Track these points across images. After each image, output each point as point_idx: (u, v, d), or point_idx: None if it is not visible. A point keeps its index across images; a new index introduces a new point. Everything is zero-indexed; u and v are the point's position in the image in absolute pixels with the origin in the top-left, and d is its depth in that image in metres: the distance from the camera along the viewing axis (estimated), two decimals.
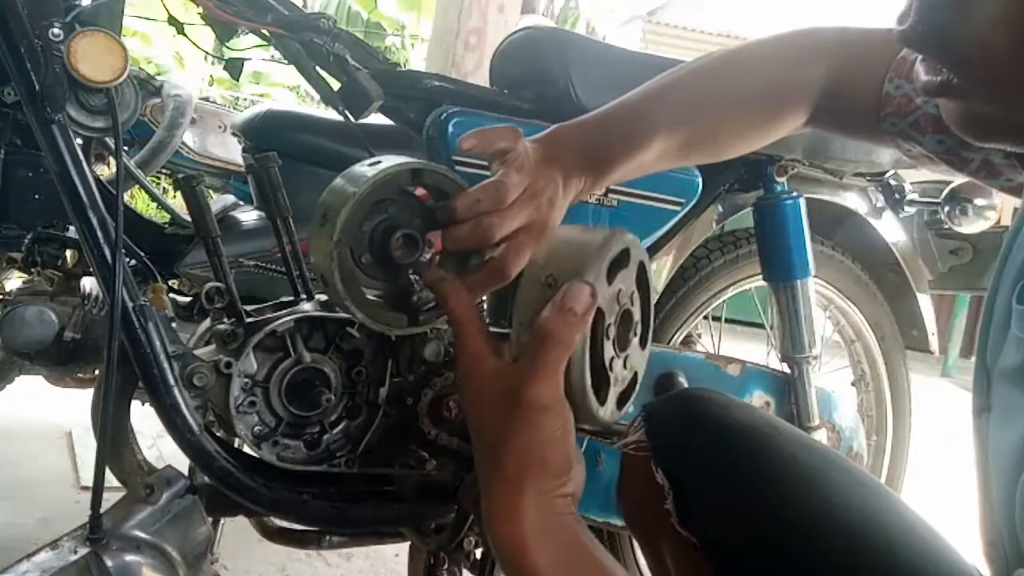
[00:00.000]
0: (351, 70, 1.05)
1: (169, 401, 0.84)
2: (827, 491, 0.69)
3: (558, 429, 0.57)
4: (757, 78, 0.83)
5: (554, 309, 0.57)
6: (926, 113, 0.71)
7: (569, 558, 0.57)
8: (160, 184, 2.97)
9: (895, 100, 0.73)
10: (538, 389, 0.56)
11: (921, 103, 0.72)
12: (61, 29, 0.86)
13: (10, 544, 1.60)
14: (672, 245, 1.33)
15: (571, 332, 0.56)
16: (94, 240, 0.84)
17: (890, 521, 0.67)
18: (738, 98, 0.83)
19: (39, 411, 2.25)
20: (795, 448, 0.74)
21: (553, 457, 0.57)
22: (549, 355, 0.56)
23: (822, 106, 0.82)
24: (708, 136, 0.84)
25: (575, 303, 0.57)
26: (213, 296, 0.90)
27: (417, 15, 9.02)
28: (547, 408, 0.57)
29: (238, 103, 7.14)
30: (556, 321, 0.56)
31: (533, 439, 0.57)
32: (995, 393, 0.54)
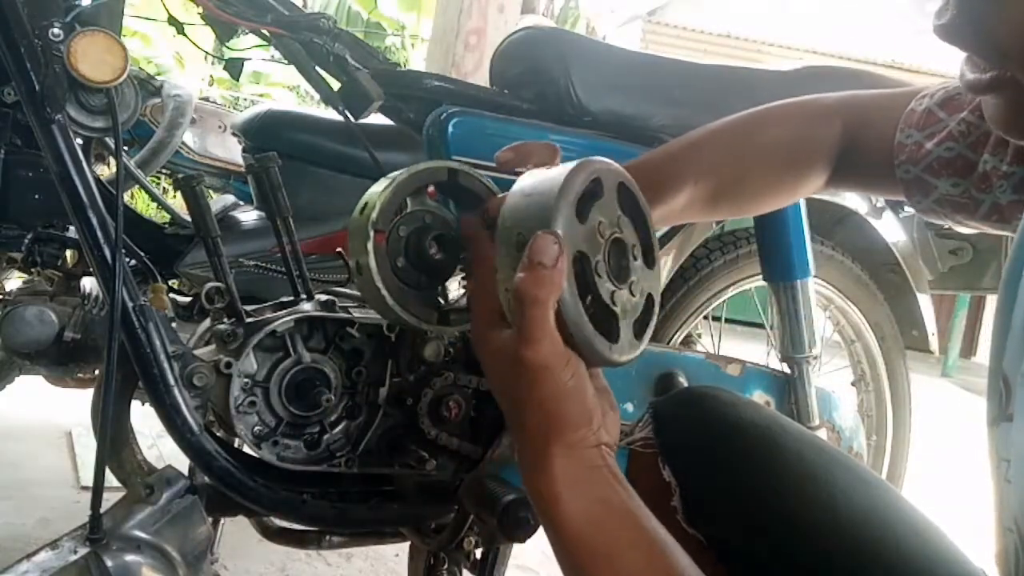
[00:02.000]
0: (351, 70, 1.05)
1: (169, 401, 0.84)
2: (833, 490, 0.69)
3: (566, 382, 0.57)
4: (778, 135, 0.86)
5: (523, 269, 0.56)
6: (939, 156, 0.72)
7: (603, 511, 0.57)
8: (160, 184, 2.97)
9: (907, 148, 0.75)
10: (531, 351, 0.56)
11: (932, 147, 0.73)
12: (61, 29, 0.86)
13: (10, 544, 1.60)
14: (672, 245, 1.33)
15: (544, 288, 0.56)
16: (94, 240, 0.84)
17: (895, 520, 0.68)
18: (760, 154, 0.86)
19: (39, 411, 2.25)
20: (801, 446, 0.74)
21: (569, 410, 0.57)
22: (530, 316, 0.56)
23: (840, 163, 0.83)
24: (734, 189, 0.86)
25: (541, 256, 0.56)
26: (213, 296, 0.90)
27: (417, 15, 9.02)
28: (546, 367, 0.56)
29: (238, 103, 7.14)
30: (527, 280, 0.56)
31: (543, 396, 0.57)
32: (1016, 399, 0.53)
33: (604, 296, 0.62)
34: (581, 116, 1.17)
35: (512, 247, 0.59)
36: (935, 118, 0.74)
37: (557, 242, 0.56)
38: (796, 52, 8.28)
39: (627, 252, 0.65)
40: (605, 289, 0.62)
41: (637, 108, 1.20)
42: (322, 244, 1.56)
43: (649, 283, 0.69)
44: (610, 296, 0.63)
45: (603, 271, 0.62)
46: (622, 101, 1.20)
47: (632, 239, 0.67)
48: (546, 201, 0.59)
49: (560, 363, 0.57)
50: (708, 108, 1.24)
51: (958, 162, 0.70)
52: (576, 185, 0.60)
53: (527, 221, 0.59)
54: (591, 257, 0.61)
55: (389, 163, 1.39)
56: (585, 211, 0.61)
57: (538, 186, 0.61)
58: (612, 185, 0.65)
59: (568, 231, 0.58)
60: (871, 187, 0.86)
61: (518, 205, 0.61)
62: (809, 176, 0.85)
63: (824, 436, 1.34)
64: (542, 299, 0.56)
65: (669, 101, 1.22)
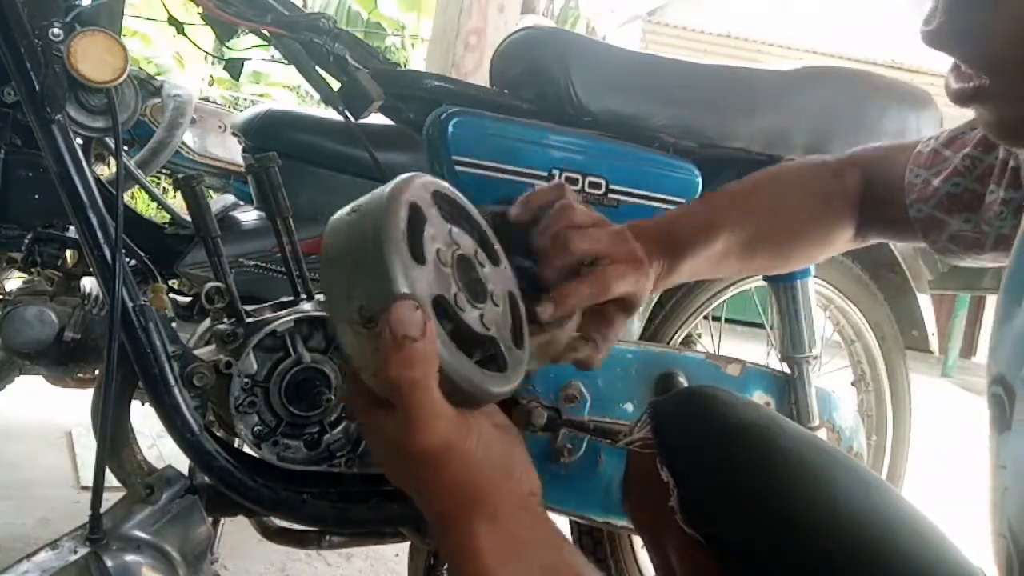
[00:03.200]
0: (351, 70, 1.05)
1: (169, 401, 0.85)
2: (832, 489, 0.70)
3: (474, 452, 0.51)
4: (805, 185, 0.87)
5: (388, 352, 0.48)
6: (947, 193, 0.73)
7: None
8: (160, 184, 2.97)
9: (916, 187, 0.76)
10: (425, 438, 0.49)
11: (939, 184, 0.74)
12: (61, 29, 0.86)
13: (10, 544, 1.59)
14: None
15: (420, 365, 0.48)
16: (94, 240, 0.84)
17: (895, 519, 0.68)
18: (790, 203, 0.86)
19: (39, 411, 2.25)
20: (800, 446, 0.74)
21: (485, 478, 0.51)
22: (413, 401, 0.49)
23: (864, 213, 0.84)
24: (768, 238, 0.86)
25: (405, 329, 0.47)
26: (213, 296, 0.90)
27: (417, 15, 9.02)
28: (447, 447, 0.50)
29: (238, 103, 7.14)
30: (397, 364, 0.47)
31: (452, 477, 0.50)
32: (1018, 404, 0.53)
33: (476, 328, 0.55)
34: (581, 116, 1.17)
35: (358, 325, 0.49)
36: (941, 157, 0.76)
37: (417, 306, 0.48)
38: (796, 52, 8.28)
39: (474, 265, 0.58)
40: (474, 319, 0.55)
41: (637, 108, 1.20)
42: None
43: (503, 281, 0.62)
44: (480, 322, 0.55)
45: (463, 302, 0.54)
46: (622, 101, 1.20)
47: (471, 246, 0.59)
48: (373, 261, 0.49)
49: (461, 436, 0.51)
50: (708, 108, 1.24)
51: (966, 196, 0.71)
52: (398, 229, 0.50)
53: (362, 291, 0.50)
54: (447, 295, 0.53)
55: (389, 163, 1.39)
56: (419, 249, 0.52)
57: (353, 246, 0.51)
58: (428, 201, 0.56)
59: (415, 284, 0.49)
60: (897, 233, 0.85)
61: (341, 277, 0.51)
62: (837, 228, 0.86)
63: (824, 436, 1.34)
64: (421, 379, 0.48)
65: (669, 101, 1.22)
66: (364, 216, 0.52)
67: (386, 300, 0.48)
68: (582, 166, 1.15)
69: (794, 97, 1.29)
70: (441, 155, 1.09)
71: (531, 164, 1.12)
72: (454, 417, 0.50)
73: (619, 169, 1.17)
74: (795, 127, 1.28)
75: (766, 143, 1.27)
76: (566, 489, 1.13)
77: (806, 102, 1.29)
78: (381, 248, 0.49)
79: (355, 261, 0.50)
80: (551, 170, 1.13)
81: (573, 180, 1.14)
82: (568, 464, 1.11)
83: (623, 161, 1.18)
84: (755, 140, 1.26)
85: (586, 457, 1.12)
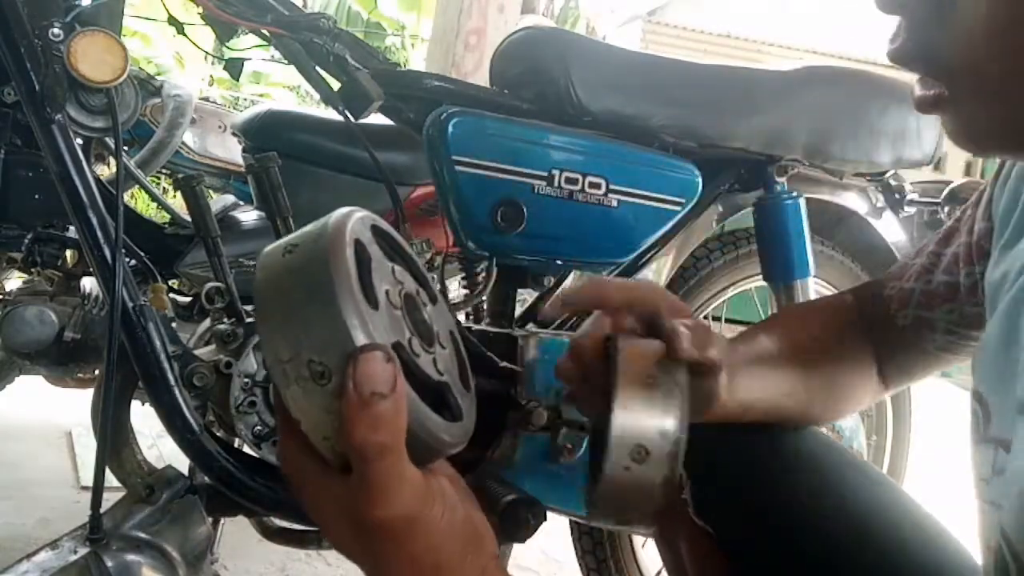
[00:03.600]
0: (351, 70, 1.05)
1: (169, 401, 0.85)
2: (840, 486, 0.71)
3: (439, 520, 0.45)
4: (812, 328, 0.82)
5: (352, 413, 0.41)
6: (922, 291, 0.73)
7: None
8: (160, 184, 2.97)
9: (895, 297, 0.75)
10: (384, 511, 0.43)
11: (912, 284, 0.74)
12: (61, 29, 0.86)
13: (10, 544, 1.59)
14: (672, 245, 1.33)
15: (389, 426, 0.42)
16: (94, 240, 0.84)
17: (900, 516, 0.69)
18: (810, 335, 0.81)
19: (39, 411, 2.25)
20: (809, 443, 0.75)
21: (452, 549, 0.46)
22: (379, 469, 0.42)
23: (876, 351, 0.79)
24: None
25: (374, 385, 0.41)
26: (213, 296, 0.90)
27: (417, 15, 9.02)
28: (412, 519, 0.44)
29: (238, 103, 7.14)
30: (364, 429, 0.41)
31: (416, 552, 0.45)
32: (995, 423, 0.54)
33: (432, 375, 0.49)
34: (581, 116, 1.17)
35: (307, 381, 0.42)
36: (908, 265, 0.76)
37: (387, 357, 0.42)
38: (796, 52, 8.28)
39: (418, 304, 0.53)
40: (428, 365, 0.49)
41: (637, 108, 1.20)
42: None
43: (444, 321, 0.56)
44: (434, 368, 0.50)
45: (417, 347, 0.49)
46: (622, 101, 1.20)
47: (412, 285, 0.54)
48: (325, 308, 0.42)
49: (427, 504, 0.45)
50: (708, 108, 1.24)
51: (940, 289, 0.71)
52: (349, 270, 0.44)
53: (312, 342, 0.42)
54: (403, 340, 0.47)
55: (389, 163, 1.39)
56: (371, 291, 0.46)
57: (297, 291, 0.44)
58: (369, 238, 0.50)
59: (375, 331, 0.43)
60: (914, 362, 0.78)
61: (285, 327, 0.43)
62: (850, 349, 0.79)
63: None
64: (392, 444, 0.42)
65: (669, 101, 1.22)
66: (306, 256, 0.45)
67: (346, 352, 0.42)
68: (582, 166, 1.15)
69: (794, 97, 1.29)
70: (441, 155, 1.09)
71: (531, 164, 1.12)
72: (420, 482, 0.44)
73: (619, 169, 1.17)
74: (795, 127, 1.28)
75: (766, 143, 1.27)
76: (566, 489, 1.12)
77: (806, 102, 1.29)
78: (333, 292, 0.42)
79: (301, 308, 0.43)
80: (551, 170, 1.13)
81: (573, 180, 1.14)
82: (568, 464, 1.11)
83: (623, 161, 1.18)
84: (755, 140, 1.26)
85: (586, 457, 1.12)
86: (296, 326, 0.43)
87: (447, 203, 1.12)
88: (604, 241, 1.19)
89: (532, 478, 1.07)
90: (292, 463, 0.46)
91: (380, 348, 0.42)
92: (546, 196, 1.13)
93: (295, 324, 0.43)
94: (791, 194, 1.30)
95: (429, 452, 0.46)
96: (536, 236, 1.14)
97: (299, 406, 0.43)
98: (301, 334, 0.43)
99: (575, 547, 1.47)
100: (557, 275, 1.33)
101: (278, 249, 0.46)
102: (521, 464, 0.99)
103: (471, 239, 1.13)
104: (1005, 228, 0.62)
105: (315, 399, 0.42)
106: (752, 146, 1.26)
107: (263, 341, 0.45)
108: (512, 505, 0.81)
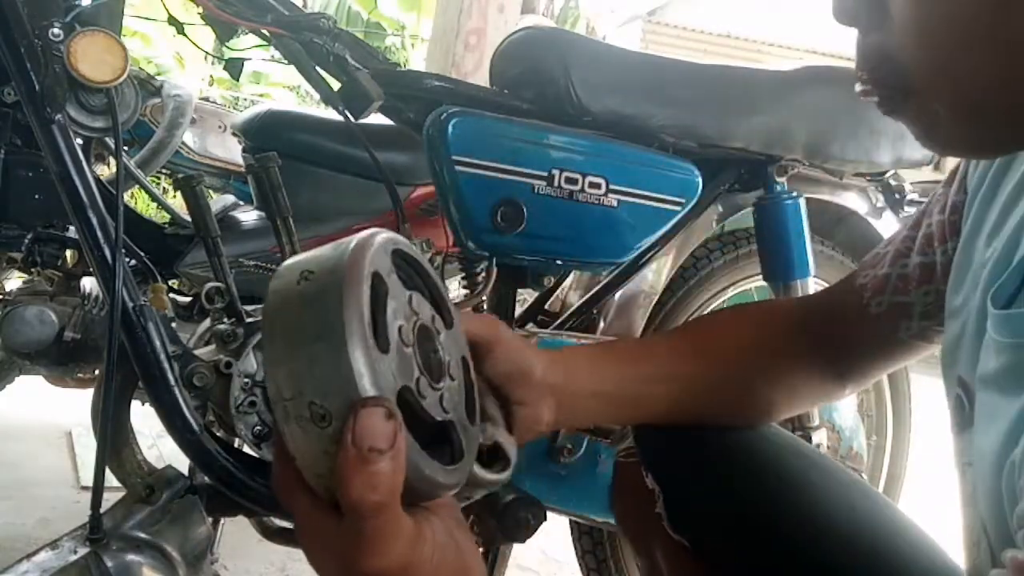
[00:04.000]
0: (351, 70, 1.05)
1: (169, 401, 0.85)
2: (812, 493, 0.71)
3: (427, 564, 0.45)
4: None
5: (349, 468, 0.40)
6: (899, 275, 0.71)
7: None
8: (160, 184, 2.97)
9: (868, 286, 0.74)
10: (376, 561, 0.43)
11: (888, 270, 0.72)
12: (61, 29, 0.86)
13: (10, 544, 1.59)
14: (672, 245, 1.33)
15: (385, 484, 0.41)
16: (94, 240, 0.84)
17: (875, 520, 0.69)
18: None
19: (39, 411, 2.25)
20: (779, 451, 0.76)
21: None
22: (374, 526, 0.42)
23: (834, 353, 0.78)
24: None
25: (372, 441, 0.40)
26: (213, 296, 0.90)
27: (417, 15, 9.02)
28: (402, 568, 0.44)
29: (238, 103, 7.14)
30: (362, 484, 0.40)
31: None
32: (977, 402, 0.54)
33: (436, 416, 0.48)
34: (581, 116, 1.17)
35: (307, 421, 0.41)
36: (882, 252, 0.75)
37: (388, 413, 0.41)
38: (796, 52, 8.28)
39: (432, 335, 0.51)
40: (434, 405, 0.48)
41: (637, 108, 1.20)
42: (322, 244, 1.56)
43: (456, 347, 0.54)
44: (440, 407, 0.49)
45: (425, 387, 0.47)
46: (622, 101, 1.20)
47: (428, 312, 0.52)
48: (334, 351, 0.41)
49: (419, 550, 0.44)
50: (708, 108, 1.24)
51: (916, 272, 0.70)
52: (362, 312, 0.42)
53: (317, 384, 0.41)
54: (410, 383, 0.46)
55: (389, 163, 1.39)
56: (383, 333, 0.44)
57: (306, 326, 0.42)
58: (389, 267, 0.48)
59: (381, 380, 0.42)
60: (884, 353, 0.76)
61: (292, 361, 0.42)
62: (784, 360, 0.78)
63: (824, 436, 1.34)
64: (387, 501, 0.42)
65: (669, 101, 1.22)
66: (320, 289, 0.43)
67: (349, 400, 0.41)
68: (582, 166, 1.15)
69: (794, 97, 1.29)
70: (441, 155, 1.09)
71: (531, 164, 1.12)
72: (412, 531, 0.44)
73: (619, 169, 1.17)
74: (795, 127, 1.28)
75: (766, 143, 1.27)
76: (566, 489, 1.13)
77: (806, 102, 1.29)
78: (343, 335, 0.41)
79: (308, 345, 0.42)
80: (551, 170, 1.13)
81: (573, 180, 1.14)
82: (568, 464, 1.11)
83: (623, 161, 1.18)
84: (755, 140, 1.26)
85: (586, 457, 1.12)
86: (302, 363, 0.42)
87: (447, 203, 1.12)
88: (604, 241, 1.19)
89: (532, 478, 1.07)
90: (286, 493, 0.46)
91: (383, 403, 0.41)
92: (546, 196, 1.13)
93: (301, 361, 0.42)
94: (791, 194, 1.30)
95: (426, 496, 0.46)
96: (536, 236, 1.14)
97: (296, 444, 0.42)
98: (306, 373, 0.41)
99: (575, 547, 1.47)
100: (557, 275, 1.33)
101: (293, 272, 0.45)
102: (521, 464, 0.99)
103: (471, 239, 1.13)
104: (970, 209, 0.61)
105: (313, 440, 0.42)
106: (752, 146, 1.26)
107: (266, 370, 0.43)
108: (512, 505, 0.81)
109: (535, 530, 0.82)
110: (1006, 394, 0.49)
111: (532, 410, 0.66)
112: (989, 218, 0.59)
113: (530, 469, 1.09)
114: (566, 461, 1.09)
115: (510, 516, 0.81)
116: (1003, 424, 0.47)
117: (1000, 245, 0.55)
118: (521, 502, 0.81)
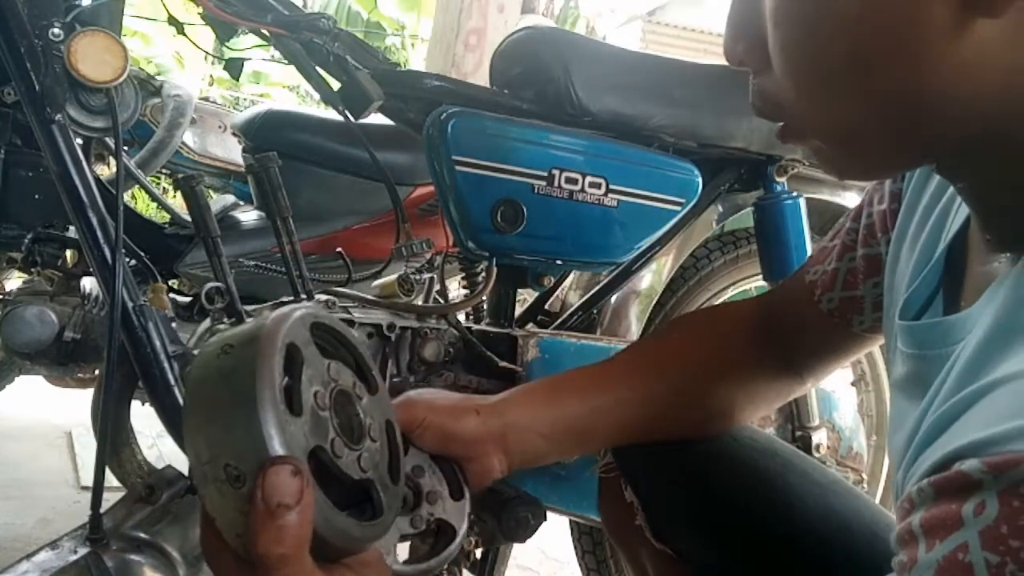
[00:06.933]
0: (351, 70, 1.05)
1: (169, 401, 0.85)
2: (787, 495, 0.72)
3: None
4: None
5: (258, 522, 0.43)
6: (848, 269, 0.71)
7: None
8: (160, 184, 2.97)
9: (817, 282, 0.73)
10: None
11: (836, 265, 0.72)
12: (61, 29, 0.86)
13: (10, 544, 1.60)
14: (672, 245, 1.33)
15: (291, 538, 0.43)
16: (94, 240, 0.84)
17: (850, 518, 0.70)
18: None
19: (39, 411, 2.25)
20: (753, 454, 0.76)
21: None
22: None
23: (787, 351, 0.78)
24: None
25: (280, 497, 0.43)
26: (213, 296, 0.90)
27: (417, 15, 9.01)
28: None
29: (238, 103, 7.14)
30: (268, 539, 0.43)
31: None
32: (893, 405, 0.56)
33: (353, 474, 0.50)
34: (581, 116, 1.17)
35: (223, 483, 0.44)
36: (828, 247, 0.74)
37: (295, 470, 0.43)
38: None
39: (352, 399, 0.54)
40: (350, 465, 0.50)
41: (637, 108, 1.20)
42: (322, 244, 1.56)
43: (380, 411, 0.57)
44: (357, 466, 0.51)
45: (340, 447, 0.50)
46: (622, 101, 1.20)
47: (349, 379, 0.54)
48: (245, 416, 0.44)
49: None
50: (708, 108, 1.24)
51: (863, 264, 0.69)
52: (273, 380, 0.45)
53: (230, 447, 0.44)
54: (324, 444, 0.48)
55: (389, 163, 1.39)
56: (296, 398, 0.47)
57: (222, 395, 0.45)
58: (306, 338, 0.51)
59: (291, 441, 0.44)
60: (837, 347, 0.76)
61: (208, 427, 0.45)
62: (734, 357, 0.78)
63: (824, 436, 1.35)
64: (293, 554, 0.44)
65: (669, 101, 1.22)
66: (236, 362, 0.46)
67: (260, 461, 0.43)
68: (582, 166, 1.15)
69: None
70: (441, 155, 1.09)
71: (531, 164, 1.12)
72: None
73: (619, 169, 1.17)
74: None
75: (766, 143, 1.27)
76: (566, 489, 1.13)
77: None
78: (254, 402, 0.44)
79: (224, 412, 0.45)
80: (551, 170, 1.13)
81: (573, 180, 1.14)
82: (568, 464, 1.11)
83: (623, 161, 1.18)
84: (755, 140, 1.26)
85: (586, 457, 1.12)
86: (218, 430, 0.45)
87: (447, 203, 1.12)
88: (604, 241, 1.19)
89: (532, 478, 1.07)
90: (210, 555, 0.48)
91: (290, 461, 0.43)
92: (546, 196, 1.13)
93: (217, 427, 0.45)
94: (791, 194, 1.30)
95: (341, 551, 0.48)
96: (536, 236, 1.14)
97: (214, 505, 0.45)
98: (222, 438, 0.45)
99: (575, 547, 1.47)
100: (557, 275, 1.33)
101: (215, 348, 0.48)
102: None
103: (471, 239, 1.13)
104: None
105: (229, 501, 0.44)
106: (752, 146, 1.26)
107: (186, 440, 0.46)
108: (512, 505, 0.81)
109: (535, 530, 0.82)
110: (911, 400, 0.51)
111: (479, 463, 0.68)
112: (911, 224, 0.60)
113: (530, 469, 1.09)
114: (566, 461, 1.09)
115: (510, 516, 0.81)
116: (908, 429, 0.49)
117: (914, 256, 0.57)
118: (521, 502, 0.81)
